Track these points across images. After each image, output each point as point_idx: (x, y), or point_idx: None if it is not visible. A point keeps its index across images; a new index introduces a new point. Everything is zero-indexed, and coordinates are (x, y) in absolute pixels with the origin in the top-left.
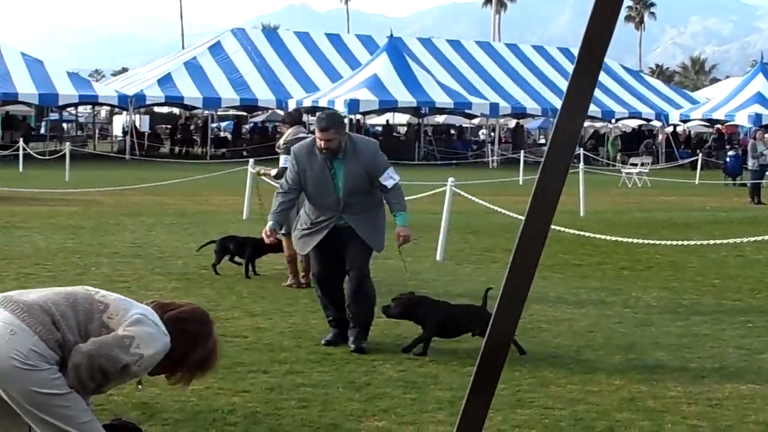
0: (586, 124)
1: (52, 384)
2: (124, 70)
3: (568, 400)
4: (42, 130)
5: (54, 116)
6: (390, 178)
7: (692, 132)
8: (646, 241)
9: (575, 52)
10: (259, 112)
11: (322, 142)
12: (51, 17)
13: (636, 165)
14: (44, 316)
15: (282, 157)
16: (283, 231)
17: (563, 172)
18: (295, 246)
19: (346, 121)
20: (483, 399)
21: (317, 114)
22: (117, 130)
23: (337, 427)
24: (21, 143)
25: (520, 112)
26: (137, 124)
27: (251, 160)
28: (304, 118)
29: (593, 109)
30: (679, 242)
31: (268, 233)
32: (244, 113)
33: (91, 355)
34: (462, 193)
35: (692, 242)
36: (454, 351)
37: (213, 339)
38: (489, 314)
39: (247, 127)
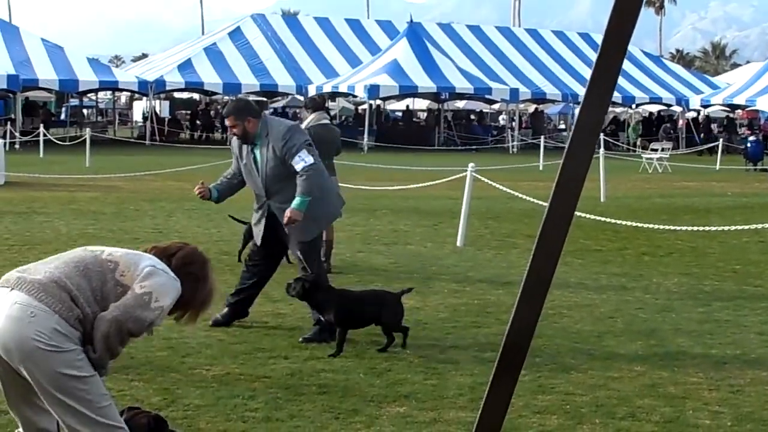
0: None
1: (75, 365)
2: (144, 55)
3: (589, 386)
4: (62, 116)
5: (74, 102)
6: (301, 160)
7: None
8: (666, 227)
9: (596, 37)
10: (279, 98)
11: (229, 129)
12: (71, 3)
13: (656, 150)
14: (61, 293)
15: None
16: None
17: (587, 159)
18: (254, 233)
19: (348, 105)
20: (506, 385)
21: None
22: (137, 115)
23: (357, 413)
24: (41, 129)
25: (540, 98)
26: (157, 109)
27: None
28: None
29: (613, 94)
30: (700, 228)
31: (200, 187)
32: (264, 99)
33: (119, 321)
34: (482, 178)
35: (713, 228)
36: (474, 337)
37: (212, 276)
38: (398, 305)
39: (267, 112)
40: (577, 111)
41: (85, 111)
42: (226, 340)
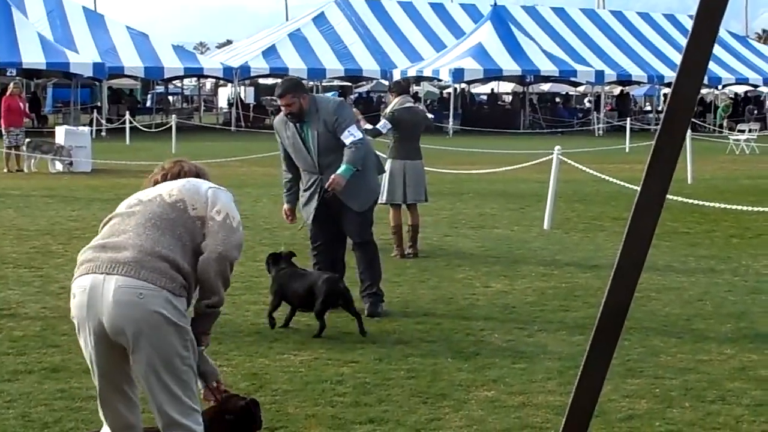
0: None
1: (185, 345)
2: (229, 42)
3: (679, 369)
4: (148, 103)
5: (160, 89)
6: (350, 135)
7: None
8: (755, 209)
9: (681, 18)
10: (364, 83)
11: (284, 108)
12: None
13: (744, 131)
14: (160, 264)
15: (382, 121)
16: (384, 200)
17: (680, 140)
18: (303, 215)
19: (433, 89)
20: (599, 368)
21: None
22: (222, 102)
23: (446, 397)
24: (127, 116)
25: (625, 80)
26: (242, 95)
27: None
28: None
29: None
30: None
31: (287, 214)
32: (349, 83)
33: (224, 255)
34: (568, 161)
35: None
36: (562, 320)
37: None
38: (337, 287)
39: (351, 97)
40: (663, 93)
41: (170, 98)
42: (313, 325)
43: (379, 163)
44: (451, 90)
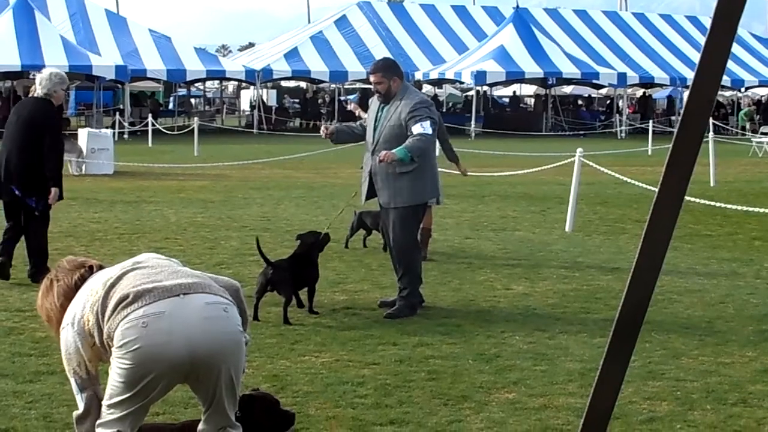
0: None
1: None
2: (251, 45)
3: (700, 371)
4: (170, 106)
5: (182, 92)
6: (421, 127)
7: None
8: None
9: (704, 20)
10: None
11: (373, 85)
12: None
13: (766, 134)
14: (216, 285)
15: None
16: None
17: (697, 143)
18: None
19: (456, 92)
20: (617, 370)
21: None
22: (244, 104)
23: (467, 399)
24: (150, 118)
25: (647, 82)
26: (264, 98)
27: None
28: (426, 89)
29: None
30: None
31: (326, 128)
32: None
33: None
34: (590, 163)
35: None
36: (583, 322)
37: None
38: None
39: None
40: (686, 95)
41: (192, 100)
42: (335, 327)
43: (436, 177)
44: (473, 93)
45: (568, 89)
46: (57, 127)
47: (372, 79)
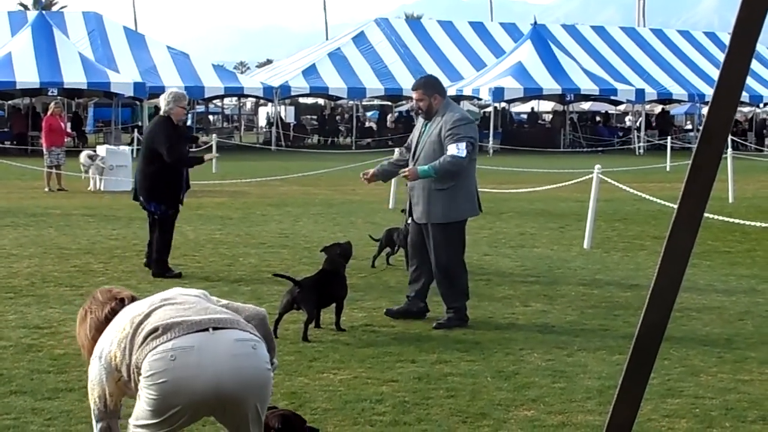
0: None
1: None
2: (269, 61)
3: (719, 389)
4: (188, 122)
5: (200, 108)
6: (456, 149)
7: None
8: None
9: (722, 36)
10: (404, 101)
11: (415, 102)
12: (196, 12)
13: None
14: (242, 319)
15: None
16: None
17: (717, 159)
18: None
19: (473, 108)
20: (636, 388)
21: None
22: (262, 121)
23: (485, 417)
24: None
25: (666, 98)
26: (282, 115)
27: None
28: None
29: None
30: None
31: (365, 173)
32: (389, 102)
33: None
34: (609, 180)
35: None
36: (602, 339)
37: None
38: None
39: (392, 116)
40: (704, 111)
41: (210, 117)
42: (353, 344)
43: (473, 194)
44: (491, 109)
45: (586, 105)
46: (170, 140)
47: (414, 96)
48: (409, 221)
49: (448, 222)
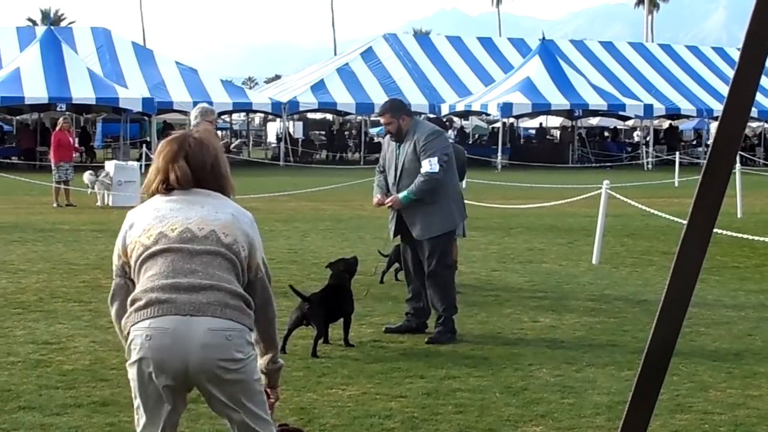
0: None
1: (257, 371)
2: (277, 77)
3: (728, 404)
4: None
5: None
6: (428, 164)
7: None
8: None
9: (730, 51)
10: None
11: (384, 126)
12: (204, 28)
13: None
14: (239, 302)
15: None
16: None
17: (726, 175)
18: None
19: (482, 124)
20: (646, 403)
21: None
22: (271, 136)
23: None
24: None
25: (674, 113)
26: (291, 130)
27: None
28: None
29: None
30: None
31: (377, 198)
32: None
33: (275, 309)
34: (617, 195)
35: None
36: (611, 355)
37: None
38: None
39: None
40: (713, 126)
41: (219, 132)
42: (362, 359)
43: (461, 201)
44: (499, 124)
45: (594, 121)
46: None
47: (382, 120)
48: (394, 242)
49: (444, 232)
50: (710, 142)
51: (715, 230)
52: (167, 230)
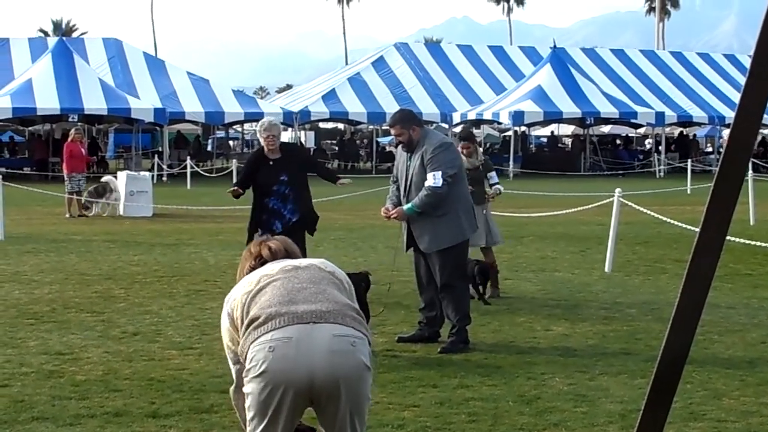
0: None
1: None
2: (289, 86)
3: (742, 412)
4: (209, 148)
5: (220, 134)
6: (432, 178)
7: None
8: None
9: (741, 59)
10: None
11: (395, 137)
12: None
13: None
14: (355, 313)
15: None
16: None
17: (738, 183)
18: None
19: (494, 132)
20: (659, 412)
21: None
22: None
23: None
24: (188, 161)
25: (686, 121)
26: (302, 139)
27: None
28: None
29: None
30: None
31: (385, 209)
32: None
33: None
34: (629, 203)
35: None
36: (624, 363)
37: None
38: None
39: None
40: (725, 133)
41: (231, 142)
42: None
43: (470, 212)
44: (511, 133)
45: (606, 129)
46: (243, 168)
47: (392, 132)
48: (406, 252)
49: (454, 244)
50: (722, 149)
51: (727, 237)
52: (267, 272)
